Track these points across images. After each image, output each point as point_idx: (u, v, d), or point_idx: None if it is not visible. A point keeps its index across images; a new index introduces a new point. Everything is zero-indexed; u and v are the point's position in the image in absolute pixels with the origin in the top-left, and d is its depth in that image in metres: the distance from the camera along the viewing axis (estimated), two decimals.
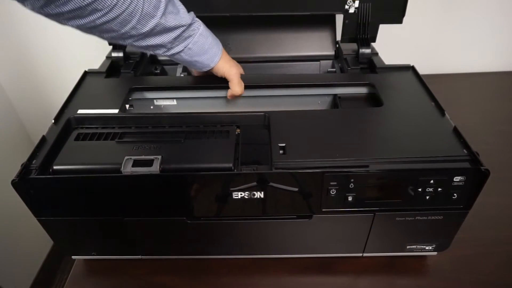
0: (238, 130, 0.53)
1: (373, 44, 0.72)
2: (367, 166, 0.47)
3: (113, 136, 0.52)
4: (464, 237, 0.58)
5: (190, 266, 0.59)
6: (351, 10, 0.68)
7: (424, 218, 0.51)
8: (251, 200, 0.49)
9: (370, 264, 0.58)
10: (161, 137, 0.52)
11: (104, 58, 0.73)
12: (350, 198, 0.48)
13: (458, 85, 1.01)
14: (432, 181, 0.47)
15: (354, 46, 0.72)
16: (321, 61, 0.75)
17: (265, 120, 0.55)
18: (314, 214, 0.51)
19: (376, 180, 0.47)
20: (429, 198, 0.49)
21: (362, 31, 0.70)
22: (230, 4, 0.68)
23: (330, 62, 0.76)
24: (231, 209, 0.50)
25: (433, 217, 0.51)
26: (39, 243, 1.26)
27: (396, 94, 0.60)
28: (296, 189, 0.48)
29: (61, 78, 1.10)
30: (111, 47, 0.72)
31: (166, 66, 0.77)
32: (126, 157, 0.47)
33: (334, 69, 0.74)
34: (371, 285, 0.56)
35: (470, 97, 0.97)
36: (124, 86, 0.63)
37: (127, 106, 0.61)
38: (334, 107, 0.65)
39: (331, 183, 0.47)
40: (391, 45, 0.82)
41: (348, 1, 0.67)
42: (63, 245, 0.57)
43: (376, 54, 0.72)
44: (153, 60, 0.77)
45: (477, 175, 0.46)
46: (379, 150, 0.49)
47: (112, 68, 0.70)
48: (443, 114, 0.55)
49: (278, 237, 0.56)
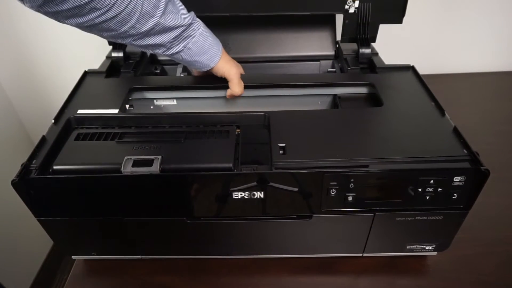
0: (238, 130, 0.53)
1: (373, 44, 0.72)
2: (367, 166, 0.47)
3: (113, 136, 0.52)
4: (464, 237, 0.58)
5: (190, 266, 0.59)
6: (351, 10, 0.68)
7: (424, 218, 0.51)
8: (251, 200, 0.49)
9: (370, 264, 0.58)
10: (161, 137, 0.52)
11: (104, 58, 0.73)
12: (350, 198, 0.48)
13: (458, 85, 1.01)
14: (432, 181, 0.47)
15: (354, 46, 0.72)
16: (321, 61, 0.75)
17: (265, 120, 0.55)
18: (314, 214, 0.51)
19: (376, 180, 0.47)
20: (429, 198, 0.49)
21: (362, 31, 0.70)
22: (230, 4, 0.68)
23: (330, 62, 0.76)
24: (231, 209, 0.50)
25: (433, 217, 0.51)
26: (39, 243, 1.26)
27: (396, 94, 0.60)
28: (296, 189, 0.48)
29: (61, 78, 1.10)
30: (111, 47, 0.72)
31: (166, 66, 0.77)
32: (126, 157, 0.47)
33: (334, 69, 0.74)
34: (371, 285, 0.56)
35: (470, 97, 0.97)
36: (124, 86, 0.63)
37: (127, 106, 0.61)
38: (334, 107, 0.65)
39: (331, 183, 0.47)
40: (391, 45, 0.82)
41: (348, 1, 0.67)
42: (63, 245, 0.57)
43: (376, 54, 0.72)
44: (153, 60, 0.77)
45: (477, 175, 0.46)
46: (379, 150, 0.49)
47: (112, 68, 0.70)
48: (443, 114, 0.55)
49: (278, 237, 0.56)
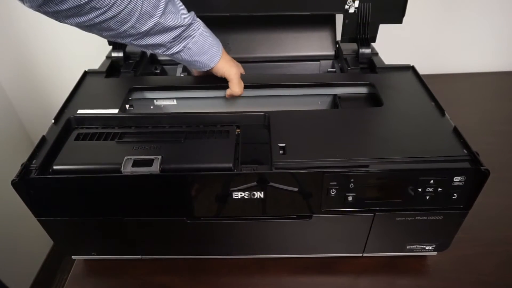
0: (238, 130, 0.53)
1: (373, 44, 0.72)
2: (367, 166, 0.47)
3: (113, 136, 0.52)
4: (464, 237, 0.58)
5: (190, 266, 0.59)
6: (351, 10, 0.68)
7: (424, 218, 0.51)
8: (251, 200, 0.49)
9: (370, 264, 0.58)
10: (161, 137, 0.52)
11: (104, 58, 0.73)
12: (350, 198, 0.48)
13: (458, 85, 1.01)
14: (432, 181, 0.47)
15: (354, 46, 0.72)
16: (321, 61, 0.75)
17: (265, 120, 0.55)
18: (314, 214, 0.51)
19: (376, 180, 0.47)
20: (429, 198, 0.49)
21: (362, 31, 0.70)
22: (230, 4, 0.68)
23: (330, 62, 0.76)
24: (231, 209, 0.50)
25: (433, 217, 0.51)
26: (39, 243, 1.26)
27: (396, 94, 0.60)
28: (296, 189, 0.48)
29: (61, 78, 1.10)
30: (111, 47, 0.72)
31: (166, 66, 0.77)
32: (126, 157, 0.47)
33: (334, 69, 0.74)
34: (371, 285, 0.56)
35: (470, 97, 0.97)
36: (124, 86, 0.63)
37: (127, 106, 0.61)
38: (334, 107, 0.65)
39: (331, 183, 0.47)
40: (391, 45, 0.82)
41: (348, 1, 0.67)
42: (63, 245, 0.57)
43: (376, 54, 0.72)
44: (153, 60, 0.77)
45: (477, 175, 0.46)
46: (379, 150, 0.49)
47: (112, 68, 0.70)
48: (443, 114, 0.55)
49: (278, 237, 0.56)
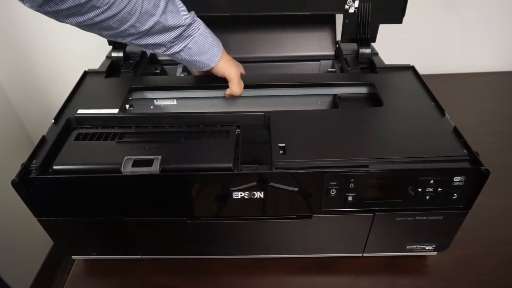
0: (238, 130, 0.53)
1: (373, 44, 0.72)
2: (367, 166, 0.47)
3: (113, 136, 0.52)
4: (464, 237, 0.58)
5: (190, 266, 0.59)
6: (351, 10, 0.68)
7: (424, 218, 0.51)
8: (251, 200, 0.49)
9: (370, 264, 0.58)
10: (161, 137, 0.52)
11: (104, 58, 0.73)
12: (350, 198, 0.48)
13: (458, 85, 1.01)
14: (432, 181, 0.47)
15: (354, 46, 0.72)
16: (321, 61, 0.75)
17: (265, 120, 0.55)
18: (314, 214, 0.51)
19: (376, 180, 0.47)
20: (429, 198, 0.49)
21: (362, 31, 0.70)
22: (230, 4, 0.68)
23: (330, 62, 0.75)
24: (231, 209, 0.50)
25: (433, 217, 0.51)
26: (39, 243, 1.26)
27: (396, 94, 0.60)
28: (296, 189, 0.48)
29: (61, 78, 1.10)
30: (111, 47, 0.72)
31: (166, 66, 0.77)
32: (126, 157, 0.47)
33: (334, 69, 0.74)
34: (371, 285, 0.56)
35: (470, 97, 0.97)
36: (124, 86, 0.63)
37: (127, 106, 0.61)
38: (334, 107, 0.65)
39: (331, 183, 0.47)
40: (391, 45, 0.82)
41: (348, 1, 0.67)
42: (63, 245, 0.57)
43: (376, 54, 0.72)
44: (153, 60, 0.77)
45: (477, 175, 0.46)
46: (379, 150, 0.49)
47: (112, 68, 0.70)
48: (443, 114, 0.55)
49: (278, 237, 0.56)
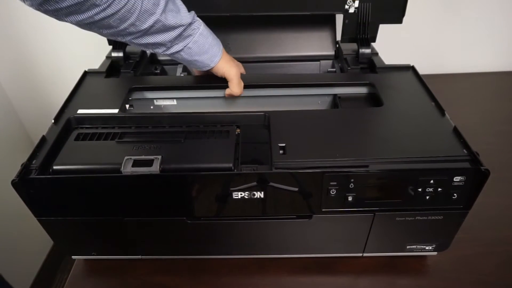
0: (238, 130, 0.53)
1: (373, 44, 0.72)
2: (367, 166, 0.47)
3: (113, 136, 0.52)
4: (464, 237, 0.58)
5: (190, 266, 0.59)
6: (351, 10, 0.68)
7: (424, 218, 0.51)
8: (251, 200, 0.49)
9: (370, 264, 0.58)
10: (161, 137, 0.52)
11: (104, 58, 0.73)
12: (350, 198, 0.48)
13: (458, 85, 1.01)
14: (432, 181, 0.47)
15: (354, 46, 0.72)
16: (321, 61, 0.75)
17: (265, 120, 0.55)
18: (314, 214, 0.51)
19: (376, 180, 0.47)
20: (429, 198, 0.49)
21: (362, 31, 0.70)
22: (230, 4, 0.68)
23: (330, 62, 0.75)
24: (231, 209, 0.50)
25: (433, 217, 0.51)
26: (39, 243, 1.26)
27: (396, 94, 0.60)
28: (296, 189, 0.48)
29: (61, 78, 1.10)
30: (111, 47, 0.72)
31: (166, 66, 0.77)
32: (126, 157, 0.47)
33: (334, 69, 0.74)
34: (371, 285, 0.56)
35: (470, 97, 0.97)
36: (124, 86, 0.63)
37: (127, 106, 0.61)
38: (334, 107, 0.65)
39: (331, 183, 0.47)
40: (391, 45, 0.82)
41: (348, 1, 0.67)
42: (63, 245, 0.57)
43: (376, 54, 0.72)
44: (153, 60, 0.77)
45: (477, 175, 0.46)
46: (379, 150, 0.49)
47: (112, 68, 0.70)
48: (443, 114, 0.55)
49: (278, 237, 0.56)
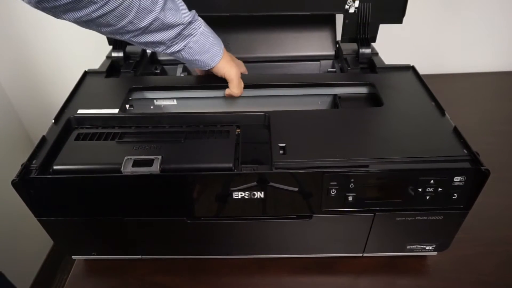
0: (238, 130, 0.53)
1: (373, 44, 0.72)
2: (367, 166, 0.47)
3: (113, 136, 0.52)
4: (464, 237, 0.58)
5: (191, 266, 0.59)
6: (351, 10, 0.68)
7: (424, 218, 0.51)
8: (251, 200, 0.49)
9: (370, 264, 0.58)
10: (161, 137, 0.52)
11: (104, 58, 0.73)
12: (350, 198, 0.48)
13: (458, 85, 1.01)
14: (432, 181, 0.47)
15: (354, 46, 0.72)
16: (321, 61, 0.75)
17: (265, 120, 0.55)
18: (314, 214, 0.51)
19: (376, 180, 0.47)
20: (429, 198, 0.49)
21: (362, 31, 0.70)
22: (230, 4, 0.68)
23: (330, 62, 0.76)
24: (231, 209, 0.50)
25: (433, 217, 0.51)
26: (39, 243, 1.26)
27: (396, 94, 0.60)
28: (296, 189, 0.48)
29: (61, 78, 1.10)
30: (111, 47, 0.72)
31: (166, 66, 0.77)
32: (126, 157, 0.47)
33: (334, 69, 0.74)
34: (371, 285, 0.56)
35: (470, 97, 0.97)
36: (124, 86, 0.63)
37: (127, 106, 0.61)
38: (334, 107, 0.65)
39: (331, 183, 0.47)
40: (391, 45, 0.82)
41: (348, 1, 0.67)
42: (63, 245, 0.57)
43: (376, 54, 0.72)
44: (153, 60, 0.77)
45: (477, 175, 0.46)
46: (379, 150, 0.49)
47: (112, 68, 0.70)
48: (443, 114, 0.55)
49: (278, 237, 0.56)
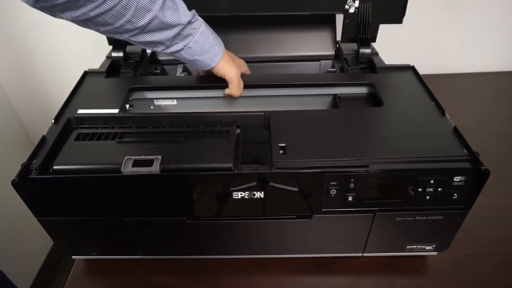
0: (238, 130, 0.53)
1: (373, 44, 0.72)
2: (367, 166, 0.47)
3: (113, 136, 0.52)
4: (464, 237, 0.58)
5: (191, 266, 0.59)
6: (351, 10, 0.68)
7: (424, 218, 0.51)
8: (251, 200, 0.49)
9: (370, 264, 0.58)
10: (161, 137, 0.52)
11: (104, 58, 0.73)
12: (350, 198, 0.48)
13: (458, 85, 1.01)
14: (432, 181, 0.47)
15: (354, 46, 0.72)
16: (321, 61, 0.75)
17: (265, 120, 0.55)
18: (314, 214, 0.51)
19: (376, 180, 0.47)
20: (429, 198, 0.49)
21: (362, 31, 0.70)
22: (230, 4, 0.68)
23: (330, 62, 0.76)
24: (231, 209, 0.50)
25: (433, 217, 0.51)
26: (39, 243, 1.26)
27: (396, 94, 0.60)
28: (296, 189, 0.48)
29: (61, 78, 1.10)
30: (111, 47, 0.72)
31: (166, 66, 0.77)
32: (126, 157, 0.47)
33: (334, 69, 0.74)
34: (371, 285, 0.56)
35: (470, 97, 0.97)
36: (124, 86, 0.63)
37: (127, 106, 0.61)
38: (334, 107, 0.65)
39: (331, 183, 0.47)
40: (391, 45, 0.82)
41: (348, 1, 0.67)
42: (63, 245, 0.57)
43: (376, 54, 0.72)
44: (153, 60, 0.77)
45: (477, 175, 0.46)
46: (379, 150, 0.49)
47: (112, 68, 0.70)
48: (443, 114, 0.55)
49: (278, 237, 0.56)
